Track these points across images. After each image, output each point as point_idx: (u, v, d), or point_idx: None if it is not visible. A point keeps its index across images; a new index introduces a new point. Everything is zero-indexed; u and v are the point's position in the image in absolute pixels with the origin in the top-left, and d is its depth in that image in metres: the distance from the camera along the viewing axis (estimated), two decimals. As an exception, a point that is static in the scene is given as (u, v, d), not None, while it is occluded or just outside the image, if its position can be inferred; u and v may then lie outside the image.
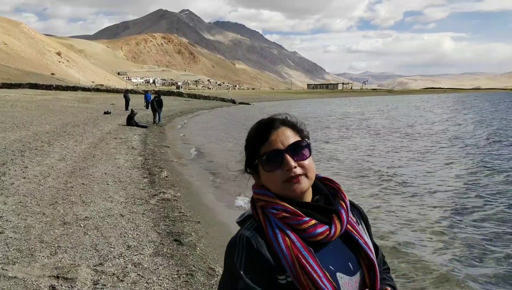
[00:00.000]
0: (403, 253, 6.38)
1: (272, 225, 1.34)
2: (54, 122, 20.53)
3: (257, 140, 1.42)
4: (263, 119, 1.46)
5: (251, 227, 1.37)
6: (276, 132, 1.40)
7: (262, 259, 1.29)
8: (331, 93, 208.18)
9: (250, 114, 45.16)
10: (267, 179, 1.40)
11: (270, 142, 1.39)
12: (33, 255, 5.12)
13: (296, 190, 1.36)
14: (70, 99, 42.99)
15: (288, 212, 1.33)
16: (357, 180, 11.69)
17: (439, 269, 5.85)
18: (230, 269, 1.31)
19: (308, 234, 1.32)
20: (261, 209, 1.39)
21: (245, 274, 1.27)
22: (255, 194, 1.43)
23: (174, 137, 21.03)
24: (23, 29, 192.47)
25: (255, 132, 1.44)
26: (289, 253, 1.28)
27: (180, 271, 5.04)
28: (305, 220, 1.32)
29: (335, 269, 1.33)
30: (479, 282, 5.52)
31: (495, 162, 14.61)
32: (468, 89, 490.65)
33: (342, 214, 1.40)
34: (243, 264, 1.28)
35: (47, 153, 12.01)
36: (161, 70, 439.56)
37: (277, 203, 1.35)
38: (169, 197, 8.46)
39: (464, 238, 7.12)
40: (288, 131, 1.41)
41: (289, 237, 1.31)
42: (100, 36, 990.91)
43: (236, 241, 1.33)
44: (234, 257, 1.30)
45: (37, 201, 7.39)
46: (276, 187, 1.38)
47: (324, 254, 1.33)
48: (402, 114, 46.33)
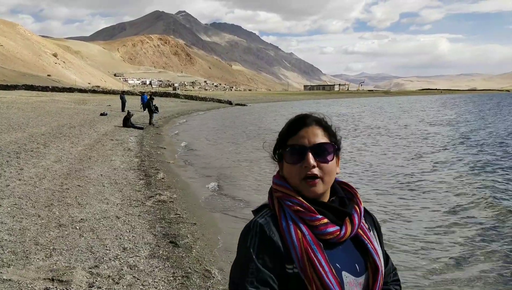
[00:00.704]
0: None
1: (286, 216, 1.38)
2: (50, 124, 20.46)
3: (287, 131, 1.47)
4: (300, 113, 1.51)
5: (265, 215, 1.42)
6: (306, 129, 1.44)
7: (273, 246, 1.34)
8: (328, 94, 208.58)
9: (246, 115, 45.21)
10: (287, 171, 1.44)
11: (298, 136, 1.43)
12: (28, 258, 5.09)
13: (310, 192, 1.40)
14: (66, 101, 42.85)
15: (303, 207, 1.38)
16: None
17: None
18: (242, 253, 1.36)
19: (319, 231, 1.36)
20: (277, 200, 1.44)
21: (256, 258, 1.32)
22: (274, 184, 1.48)
23: (171, 139, 21.01)
24: (19, 31, 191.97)
25: (288, 124, 1.49)
26: (299, 245, 1.33)
27: (176, 273, 5.03)
28: (317, 217, 1.37)
29: (342, 267, 1.37)
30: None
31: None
32: (464, 90, 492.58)
33: (354, 217, 1.44)
34: (256, 249, 1.33)
35: (42, 155, 11.97)
36: (157, 72, 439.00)
37: (294, 196, 1.40)
38: (165, 199, 8.45)
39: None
40: (319, 131, 1.45)
41: (301, 230, 1.35)
42: (96, 37, 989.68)
43: (250, 227, 1.38)
44: (247, 241, 1.35)
45: (33, 203, 7.36)
46: (294, 181, 1.42)
47: (333, 252, 1.38)
48: (387, 116, 46.83)
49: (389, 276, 1.60)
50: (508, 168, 13.54)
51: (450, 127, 29.96)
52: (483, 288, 5.42)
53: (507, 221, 8.09)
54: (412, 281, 5.51)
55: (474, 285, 5.47)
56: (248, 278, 1.31)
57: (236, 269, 1.37)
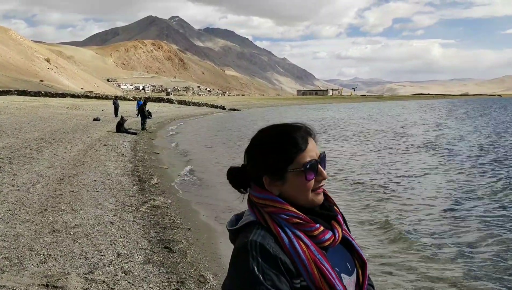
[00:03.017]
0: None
1: (286, 231, 1.33)
2: (43, 129, 20.38)
3: (293, 147, 1.37)
4: (292, 126, 1.43)
5: (259, 233, 1.33)
6: (311, 142, 1.40)
7: (279, 264, 1.27)
8: (321, 99, 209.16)
9: (240, 120, 45.21)
10: (298, 187, 1.38)
11: (308, 151, 1.38)
12: (22, 264, 5.08)
13: (320, 199, 1.41)
14: (59, 106, 42.70)
15: (300, 218, 1.35)
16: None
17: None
18: (245, 278, 1.26)
19: (318, 240, 1.35)
20: (268, 215, 1.36)
21: (264, 280, 1.24)
22: (261, 199, 1.39)
23: (164, 144, 20.97)
24: (12, 36, 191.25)
25: (291, 140, 1.38)
26: (306, 257, 1.29)
27: (170, 278, 5.03)
28: (316, 227, 1.36)
29: (340, 270, 1.38)
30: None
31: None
32: (456, 95, 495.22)
33: (339, 219, 1.45)
34: (261, 270, 1.25)
35: (36, 160, 11.92)
36: (151, 77, 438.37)
37: (289, 209, 1.35)
38: (159, 204, 8.44)
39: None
40: (314, 141, 1.43)
41: (304, 242, 1.32)
42: (89, 42, 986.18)
43: (248, 247, 1.28)
44: (249, 264, 1.26)
45: (26, 209, 7.34)
46: (305, 195, 1.38)
47: (330, 257, 1.37)
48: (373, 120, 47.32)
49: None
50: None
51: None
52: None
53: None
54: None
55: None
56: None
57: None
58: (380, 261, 6.31)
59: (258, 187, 1.41)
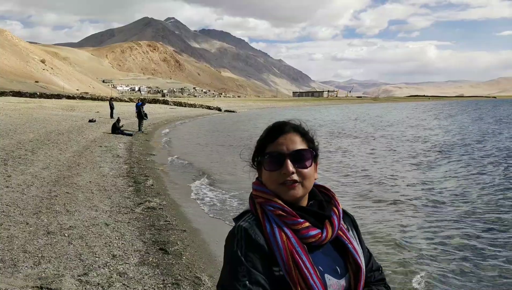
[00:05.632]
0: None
1: (270, 220, 1.40)
2: (38, 130, 20.28)
3: (265, 139, 1.50)
4: (278, 121, 1.54)
5: (248, 219, 1.44)
6: (284, 136, 1.47)
7: (259, 249, 1.35)
8: (317, 100, 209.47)
9: (235, 122, 45.19)
10: (266, 177, 1.47)
11: (276, 144, 1.46)
12: (16, 266, 5.05)
13: (289, 195, 1.42)
14: (55, 107, 42.52)
15: (285, 211, 1.40)
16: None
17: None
18: (230, 257, 1.37)
19: (301, 235, 1.38)
20: (259, 205, 1.45)
21: (245, 261, 1.33)
22: (254, 190, 1.50)
23: (160, 145, 20.94)
24: (7, 37, 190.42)
25: (267, 132, 1.52)
26: (284, 247, 1.35)
27: (165, 280, 5.01)
28: (299, 221, 1.39)
29: (324, 270, 1.39)
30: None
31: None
32: (451, 96, 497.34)
33: (334, 220, 1.46)
34: (243, 252, 1.34)
35: (30, 162, 11.87)
36: (146, 78, 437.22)
37: (275, 201, 1.42)
38: (155, 206, 8.42)
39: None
40: (297, 138, 1.47)
41: (285, 233, 1.37)
42: (85, 43, 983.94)
43: (235, 232, 1.40)
44: (233, 246, 1.37)
45: (21, 211, 7.30)
46: (272, 186, 1.45)
47: (314, 255, 1.39)
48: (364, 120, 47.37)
49: (373, 275, 1.59)
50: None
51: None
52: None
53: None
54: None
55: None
56: (240, 282, 1.30)
57: (225, 274, 1.36)
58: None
59: (257, 180, 1.53)
